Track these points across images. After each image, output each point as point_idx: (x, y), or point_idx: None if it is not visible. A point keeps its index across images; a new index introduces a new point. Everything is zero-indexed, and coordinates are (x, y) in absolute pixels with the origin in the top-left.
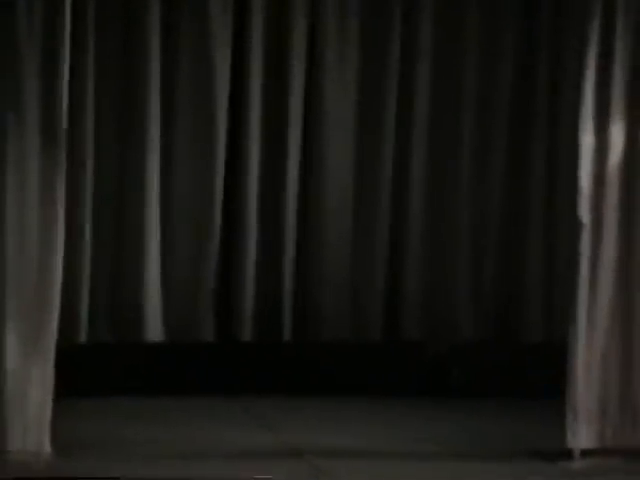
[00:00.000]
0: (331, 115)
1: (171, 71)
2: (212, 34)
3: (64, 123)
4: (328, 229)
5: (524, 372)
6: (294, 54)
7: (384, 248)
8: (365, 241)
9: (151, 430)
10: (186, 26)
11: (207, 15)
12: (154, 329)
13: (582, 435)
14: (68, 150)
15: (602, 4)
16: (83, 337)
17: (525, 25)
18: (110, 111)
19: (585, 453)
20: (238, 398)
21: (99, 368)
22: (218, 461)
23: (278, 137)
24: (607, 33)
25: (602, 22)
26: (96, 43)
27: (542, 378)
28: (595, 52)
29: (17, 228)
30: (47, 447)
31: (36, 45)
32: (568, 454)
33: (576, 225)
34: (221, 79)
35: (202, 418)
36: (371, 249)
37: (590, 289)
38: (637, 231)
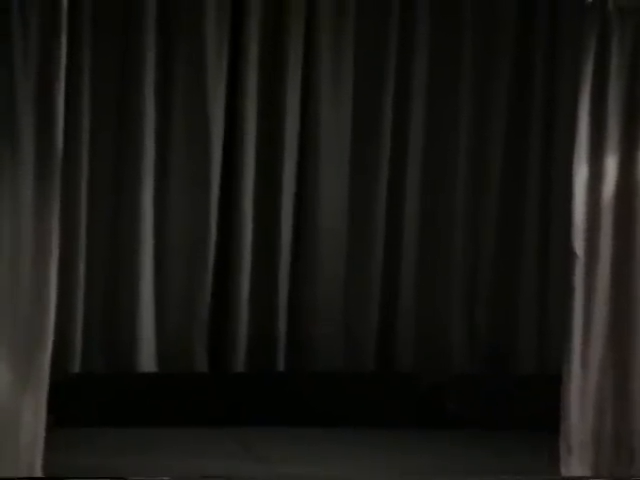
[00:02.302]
0: (326, 148)
1: (165, 104)
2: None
3: (59, 155)
4: (322, 261)
5: (518, 403)
6: (288, 86)
7: (378, 280)
8: (359, 273)
9: (143, 461)
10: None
11: (202, 48)
12: (147, 360)
13: (575, 467)
14: (62, 181)
15: (598, 31)
16: (76, 367)
17: (521, 47)
18: (105, 141)
19: None
20: (231, 429)
21: (92, 398)
22: None
23: (272, 171)
24: (602, 62)
25: (597, 51)
26: (91, 77)
27: (536, 409)
28: (590, 80)
29: (10, 258)
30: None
31: (31, 78)
32: None
33: (570, 256)
34: (215, 114)
35: (194, 449)
36: (365, 281)
37: (584, 321)
38: (631, 263)
